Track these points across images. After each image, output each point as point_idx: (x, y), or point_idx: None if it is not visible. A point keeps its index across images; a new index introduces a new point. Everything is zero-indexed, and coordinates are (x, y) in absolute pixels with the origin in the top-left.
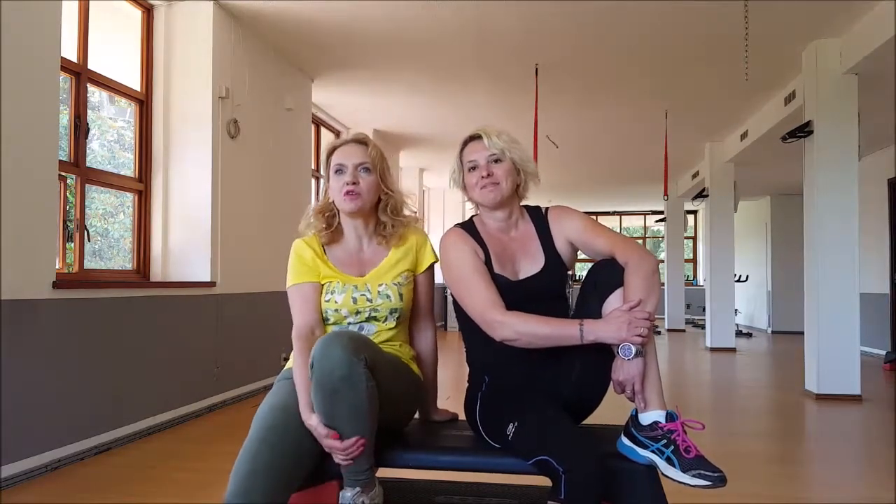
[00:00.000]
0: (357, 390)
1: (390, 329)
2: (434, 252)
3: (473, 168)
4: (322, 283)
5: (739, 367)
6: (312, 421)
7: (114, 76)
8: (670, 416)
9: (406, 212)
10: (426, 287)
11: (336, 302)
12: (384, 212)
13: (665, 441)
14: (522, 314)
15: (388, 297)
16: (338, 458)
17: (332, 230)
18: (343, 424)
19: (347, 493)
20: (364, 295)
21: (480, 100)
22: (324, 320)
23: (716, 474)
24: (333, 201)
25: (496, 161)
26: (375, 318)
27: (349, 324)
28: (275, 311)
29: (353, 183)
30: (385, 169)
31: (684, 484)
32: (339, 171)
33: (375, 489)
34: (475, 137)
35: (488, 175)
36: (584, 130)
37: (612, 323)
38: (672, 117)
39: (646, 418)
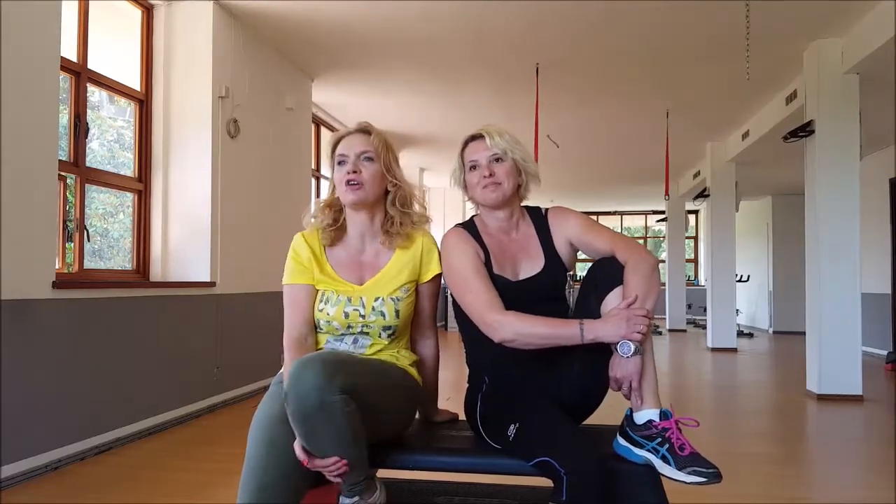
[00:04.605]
0: (333, 418)
1: (386, 342)
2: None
3: (475, 167)
4: (317, 288)
5: (741, 367)
6: (295, 441)
7: (114, 76)
8: (664, 415)
9: (416, 206)
10: (429, 297)
11: (328, 314)
12: (392, 205)
13: (660, 439)
14: (521, 314)
15: (382, 314)
16: (328, 476)
17: (336, 227)
18: (326, 449)
19: (346, 502)
20: (357, 310)
21: (480, 100)
22: (316, 328)
23: (710, 470)
24: (339, 195)
25: (498, 161)
26: (368, 333)
27: (342, 335)
28: (275, 310)
29: (354, 172)
30: (391, 159)
31: (680, 481)
32: (341, 161)
33: (377, 492)
34: (477, 137)
35: (490, 175)
36: (584, 130)
37: (611, 321)
38: (673, 117)
39: (640, 417)
